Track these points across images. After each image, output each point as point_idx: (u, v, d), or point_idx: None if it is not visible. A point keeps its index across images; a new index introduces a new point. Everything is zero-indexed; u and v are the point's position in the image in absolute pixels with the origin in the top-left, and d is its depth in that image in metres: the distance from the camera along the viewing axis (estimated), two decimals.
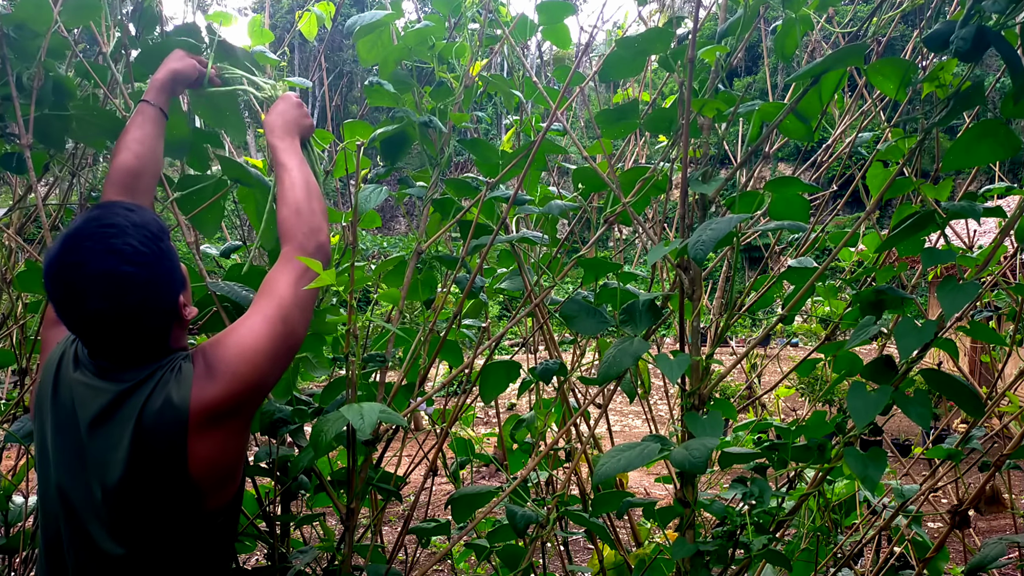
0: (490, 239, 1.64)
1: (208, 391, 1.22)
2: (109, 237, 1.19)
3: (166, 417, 1.20)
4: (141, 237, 1.22)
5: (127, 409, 1.21)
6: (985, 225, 4.70)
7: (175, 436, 1.20)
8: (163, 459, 1.20)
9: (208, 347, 1.26)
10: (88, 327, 1.21)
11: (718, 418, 1.37)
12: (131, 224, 1.22)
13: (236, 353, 1.24)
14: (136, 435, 1.20)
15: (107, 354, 1.25)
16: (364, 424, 1.26)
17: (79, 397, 1.25)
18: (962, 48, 1.09)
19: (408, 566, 2.07)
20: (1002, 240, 1.44)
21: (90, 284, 1.17)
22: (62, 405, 1.27)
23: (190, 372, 1.23)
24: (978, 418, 1.53)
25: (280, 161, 1.49)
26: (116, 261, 1.18)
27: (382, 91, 1.75)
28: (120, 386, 1.23)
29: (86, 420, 1.23)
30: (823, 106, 1.38)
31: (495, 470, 2.11)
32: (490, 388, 1.86)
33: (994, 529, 5.74)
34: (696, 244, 1.21)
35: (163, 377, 1.23)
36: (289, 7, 34.80)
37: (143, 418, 1.20)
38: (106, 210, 1.24)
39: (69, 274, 1.18)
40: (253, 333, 1.27)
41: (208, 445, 1.22)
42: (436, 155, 1.79)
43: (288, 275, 1.35)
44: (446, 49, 1.74)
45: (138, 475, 1.20)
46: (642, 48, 1.41)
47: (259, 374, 1.25)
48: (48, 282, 1.20)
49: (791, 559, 1.82)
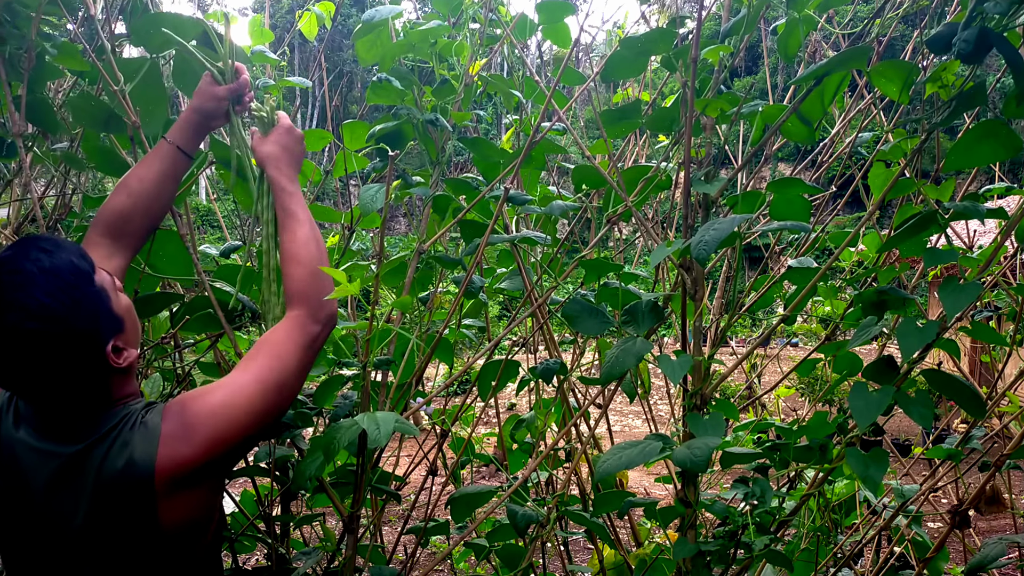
0: (483, 238, 1.64)
1: (181, 452, 1.12)
2: (14, 289, 1.06)
3: (129, 478, 1.10)
4: (51, 288, 1.08)
5: (83, 473, 1.11)
6: (986, 224, 4.71)
7: (141, 497, 1.11)
8: (129, 520, 1.12)
9: (187, 403, 1.16)
10: (9, 385, 1.11)
11: (720, 419, 1.37)
12: (40, 271, 1.08)
13: (220, 413, 1.15)
14: (95, 499, 1.11)
15: (43, 412, 1.15)
16: (380, 434, 1.25)
17: (26, 461, 1.14)
18: (965, 50, 1.09)
19: (408, 566, 2.06)
20: (1004, 241, 1.44)
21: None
22: (5, 470, 1.15)
23: (157, 429, 1.13)
24: (979, 418, 1.53)
25: (289, 208, 1.39)
26: (19, 317, 1.05)
27: (388, 87, 1.72)
28: (71, 448, 1.12)
29: (38, 485, 1.13)
30: (825, 108, 1.38)
31: (495, 470, 2.10)
32: (489, 387, 1.86)
33: (994, 529, 5.74)
34: (699, 244, 1.22)
35: (121, 434, 1.13)
36: (289, 7, 34.79)
37: (101, 481, 1.11)
38: (18, 252, 1.10)
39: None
40: (245, 395, 1.18)
41: (181, 502, 1.14)
42: (436, 154, 1.79)
43: (297, 341, 1.27)
44: (446, 47, 1.74)
45: (102, 538, 1.13)
46: (645, 48, 1.41)
47: (243, 435, 1.17)
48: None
49: (791, 559, 1.82)
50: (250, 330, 2.71)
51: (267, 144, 1.45)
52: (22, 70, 1.57)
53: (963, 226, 2.32)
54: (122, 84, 1.57)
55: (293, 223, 1.38)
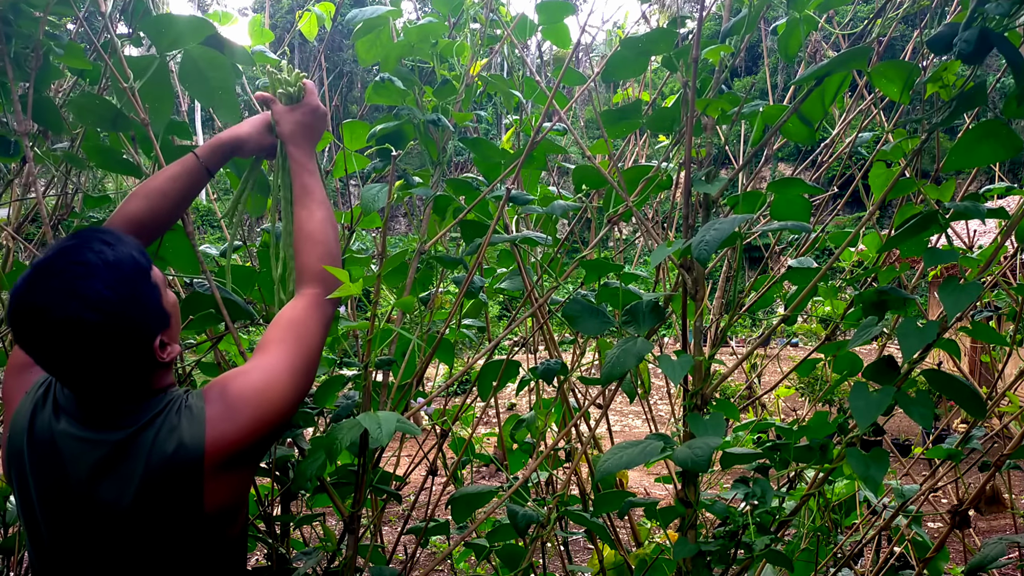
0: (485, 239, 1.64)
1: (228, 432, 1.16)
2: (76, 278, 1.09)
3: (179, 460, 1.13)
4: (112, 280, 1.11)
5: (130, 458, 1.14)
6: (986, 224, 4.71)
7: (190, 478, 1.14)
8: (176, 503, 1.15)
9: (226, 385, 1.20)
10: (58, 372, 1.14)
11: (720, 419, 1.37)
12: (103, 263, 1.12)
13: (262, 395, 1.19)
14: (145, 482, 1.13)
15: (87, 401, 1.17)
16: (382, 434, 1.25)
17: (69, 451, 1.16)
18: (965, 50, 1.09)
19: (408, 566, 2.06)
20: (1004, 241, 1.44)
21: (52, 330, 1.08)
22: (44, 460, 1.17)
23: (202, 412, 1.16)
24: (979, 418, 1.53)
25: (308, 186, 1.42)
26: (79, 307, 1.08)
27: (391, 87, 1.72)
28: (117, 435, 1.15)
29: (82, 474, 1.15)
30: (825, 108, 1.38)
31: (495, 470, 2.10)
32: (488, 387, 1.86)
33: (994, 529, 5.75)
34: (700, 244, 1.22)
35: (168, 419, 1.16)
36: (289, 7, 34.74)
37: (151, 464, 1.13)
38: (81, 242, 1.13)
39: (31, 317, 1.09)
40: (281, 376, 1.22)
41: (224, 485, 1.18)
42: (436, 154, 1.79)
43: (318, 320, 1.30)
44: (447, 47, 1.74)
45: (149, 521, 1.15)
46: (645, 48, 1.41)
47: (281, 417, 1.21)
48: (11, 320, 1.11)
49: (792, 559, 1.82)
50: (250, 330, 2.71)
51: (291, 119, 1.46)
52: (28, 69, 1.57)
53: (963, 226, 2.32)
54: (132, 81, 1.57)
55: (311, 201, 1.40)
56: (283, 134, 1.46)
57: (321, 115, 1.49)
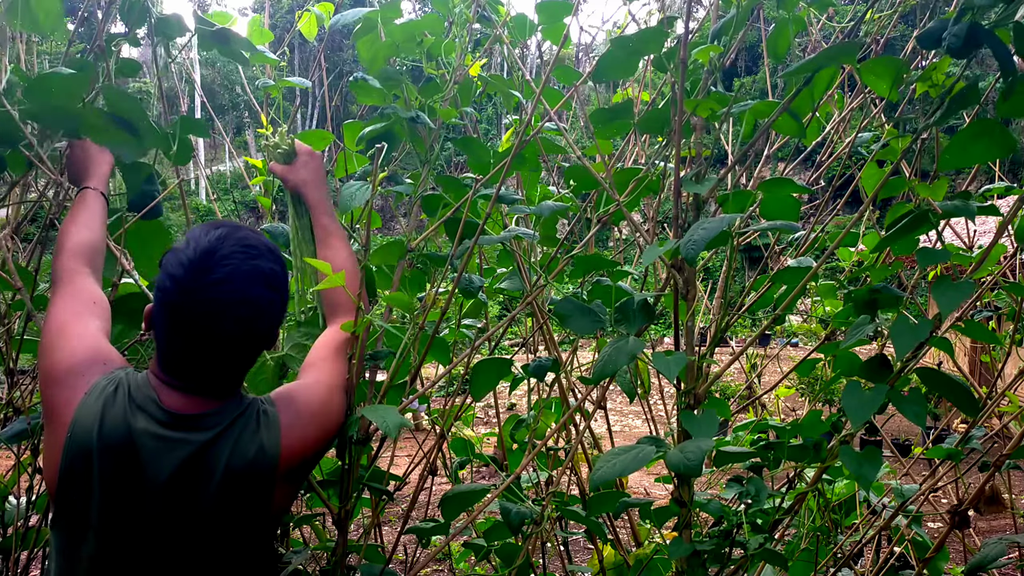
0: (474, 239, 1.64)
1: (298, 439, 1.24)
2: (253, 258, 1.17)
3: (260, 464, 1.20)
4: (279, 261, 1.21)
5: (213, 458, 1.18)
6: (986, 225, 4.71)
7: (265, 481, 1.21)
8: (251, 503, 1.21)
9: (292, 397, 1.29)
10: (207, 349, 1.18)
11: (713, 416, 1.37)
12: (266, 247, 1.20)
13: (323, 406, 1.30)
14: (225, 483, 1.18)
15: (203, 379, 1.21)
16: (389, 426, 1.29)
17: (148, 449, 1.17)
18: (954, 45, 1.09)
19: (407, 566, 2.07)
20: (998, 239, 1.44)
21: (231, 306, 1.14)
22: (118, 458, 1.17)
23: (277, 420, 1.24)
24: (974, 417, 1.52)
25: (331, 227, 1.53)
26: (262, 285, 1.17)
27: (368, 87, 1.75)
28: (203, 435, 1.18)
29: (162, 472, 1.16)
30: (815, 103, 1.38)
31: (495, 470, 2.10)
32: (481, 385, 1.86)
33: (994, 529, 5.73)
34: (688, 244, 1.22)
35: (248, 425, 1.22)
36: (289, 7, 34.85)
37: (232, 466, 1.18)
38: (235, 229, 1.20)
39: (212, 292, 1.14)
40: (334, 390, 1.34)
41: (289, 487, 1.27)
42: (425, 153, 1.79)
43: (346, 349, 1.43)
44: (435, 46, 1.74)
45: (222, 519, 1.19)
46: (636, 48, 1.41)
47: (338, 427, 1.33)
48: (178, 296, 1.14)
49: (791, 559, 1.82)
50: None
51: (297, 172, 1.58)
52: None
53: (963, 227, 2.31)
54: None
55: (334, 239, 1.53)
56: (296, 186, 1.57)
57: (319, 159, 1.60)
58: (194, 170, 17.77)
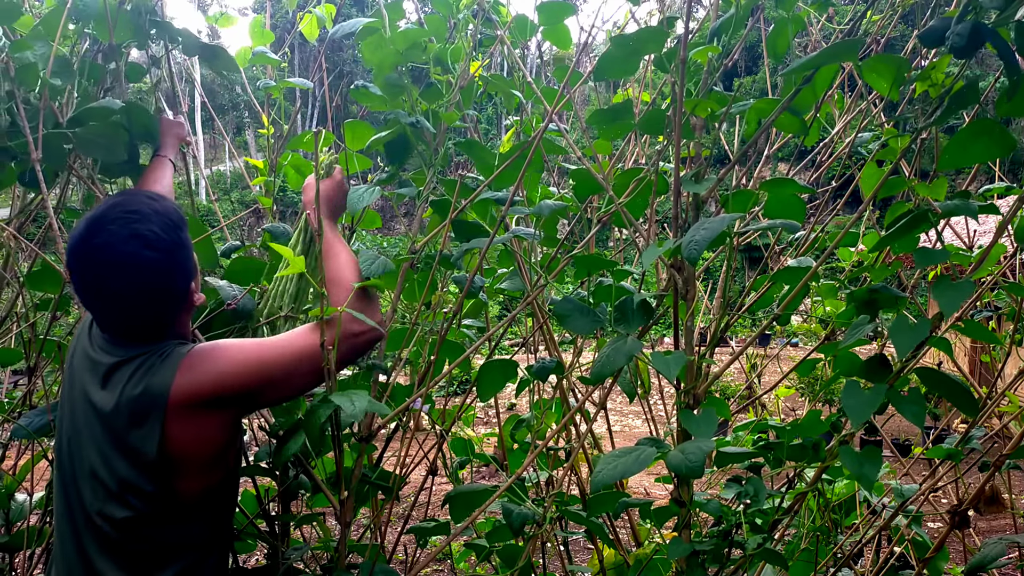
0: (487, 243, 1.64)
1: (194, 380, 1.30)
2: (133, 222, 1.28)
3: (145, 397, 1.29)
4: (162, 224, 1.31)
5: (116, 382, 1.32)
6: (986, 225, 4.69)
7: (152, 414, 1.28)
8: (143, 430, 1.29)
9: (217, 344, 1.36)
10: (104, 305, 1.32)
11: (712, 415, 1.37)
12: (153, 212, 1.31)
13: (243, 354, 1.34)
14: (118, 406, 1.30)
15: (117, 330, 1.35)
16: (355, 409, 1.30)
17: (82, 367, 1.37)
18: (957, 44, 1.09)
19: (408, 566, 2.07)
20: (997, 238, 1.44)
21: (112, 267, 1.27)
22: (75, 381, 1.39)
23: (179, 361, 1.31)
24: (974, 417, 1.52)
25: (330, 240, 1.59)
26: (138, 245, 1.27)
27: (369, 94, 1.77)
28: (114, 359, 1.33)
29: (86, 389, 1.35)
30: (817, 100, 1.38)
31: (495, 470, 2.11)
32: (487, 387, 1.86)
33: (994, 529, 5.73)
34: (689, 244, 1.22)
35: (148, 360, 1.32)
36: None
37: (124, 394, 1.30)
38: (130, 197, 1.33)
39: (93, 255, 1.27)
40: (272, 346, 1.38)
41: (188, 428, 1.31)
42: (431, 156, 1.80)
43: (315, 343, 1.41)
44: (440, 52, 1.75)
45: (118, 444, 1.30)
46: (635, 48, 1.41)
47: (245, 383, 1.34)
48: (72, 261, 1.29)
49: (792, 559, 1.82)
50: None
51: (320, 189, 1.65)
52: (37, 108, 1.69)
53: (963, 227, 2.31)
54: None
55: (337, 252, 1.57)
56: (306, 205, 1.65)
57: (342, 189, 1.69)
58: (194, 170, 17.84)
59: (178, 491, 1.33)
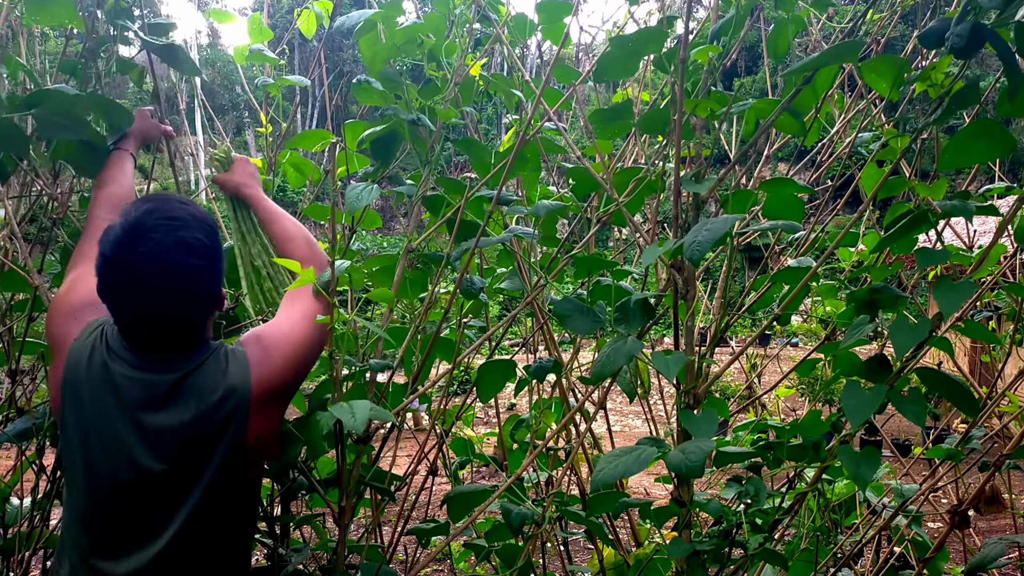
0: (475, 241, 1.64)
1: (267, 374, 1.33)
2: (176, 229, 1.26)
3: (231, 398, 1.29)
4: (204, 231, 1.30)
5: (186, 394, 1.29)
6: (986, 225, 4.70)
7: (239, 414, 1.30)
8: (225, 433, 1.29)
9: (261, 337, 1.38)
10: (147, 314, 1.28)
11: (713, 415, 1.37)
12: (192, 217, 1.30)
13: (288, 342, 1.38)
14: (200, 415, 1.28)
15: (153, 340, 1.31)
16: (356, 422, 1.30)
17: (123, 387, 1.29)
18: (957, 44, 1.09)
19: (407, 566, 2.07)
20: (997, 239, 1.44)
21: (159, 275, 1.24)
22: (98, 397, 1.31)
23: (246, 358, 1.33)
24: (974, 417, 1.52)
25: (269, 209, 1.66)
26: (185, 253, 1.26)
27: (370, 89, 1.76)
28: (175, 375, 1.30)
29: (133, 407, 1.28)
30: (817, 101, 1.38)
31: (495, 470, 2.10)
32: (487, 387, 1.86)
33: (994, 529, 5.73)
34: (692, 245, 1.21)
35: (217, 363, 1.32)
36: (289, 6, 34.79)
37: (204, 399, 1.28)
38: (162, 202, 1.30)
39: (139, 264, 1.24)
40: (300, 326, 1.41)
41: (264, 420, 1.34)
42: (426, 154, 1.79)
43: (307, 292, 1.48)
44: (436, 47, 1.74)
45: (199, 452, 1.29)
46: (635, 48, 1.41)
47: (305, 361, 1.41)
48: (112, 269, 1.25)
49: (792, 559, 1.82)
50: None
51: (233, 176, 1.71)
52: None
53: (963, 227, 2.31)
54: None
55: (278, 217, 1.64)
56: (235, 187, 1.69)
57: (252, 165, 1.74)
58: (194, 170, 17.80)
59: (244, 480, 1.37)
